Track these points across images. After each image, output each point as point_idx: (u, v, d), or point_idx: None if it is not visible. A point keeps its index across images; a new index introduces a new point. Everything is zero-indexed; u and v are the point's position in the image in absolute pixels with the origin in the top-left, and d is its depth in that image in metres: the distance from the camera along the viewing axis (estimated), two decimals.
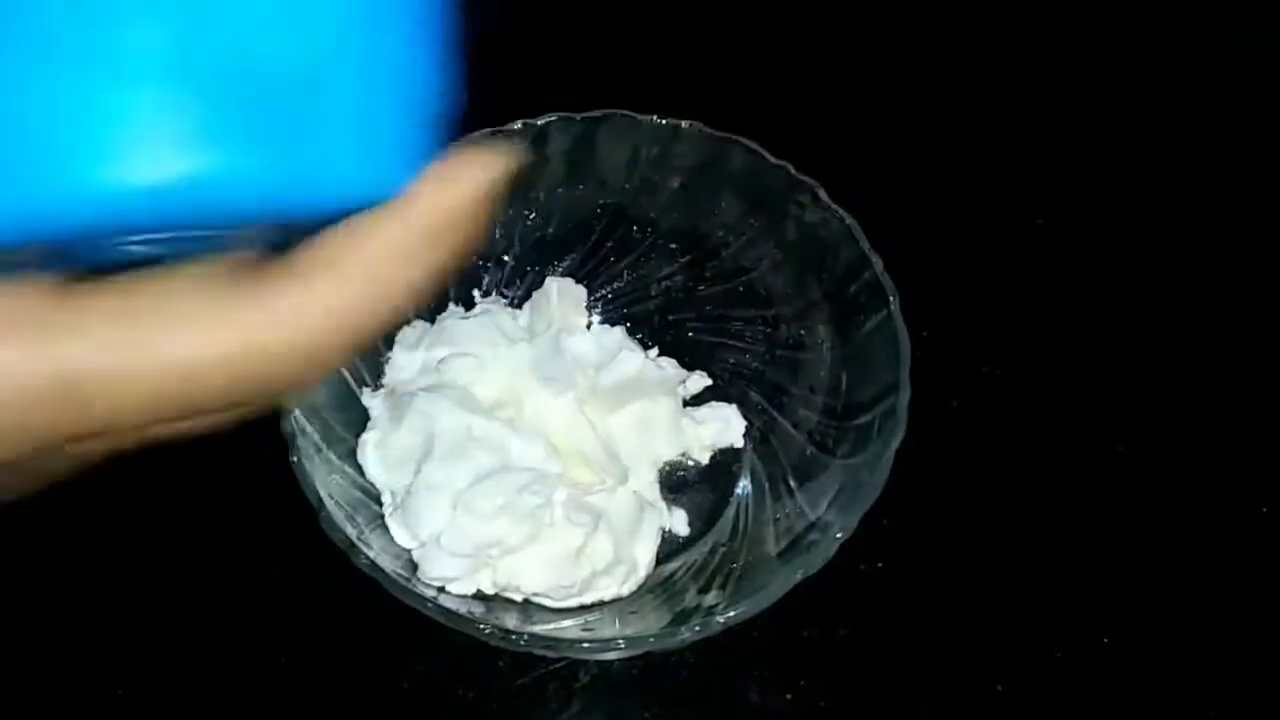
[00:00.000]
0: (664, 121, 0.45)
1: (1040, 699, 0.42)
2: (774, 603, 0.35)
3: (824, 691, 0.42)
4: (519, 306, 0.49)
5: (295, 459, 0.36)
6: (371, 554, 0.35)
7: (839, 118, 0.62)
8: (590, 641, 0.34)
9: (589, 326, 0.49)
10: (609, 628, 0.39)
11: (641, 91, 0.61)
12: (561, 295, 0.49)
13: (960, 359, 0.51)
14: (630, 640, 0.34)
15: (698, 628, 0.34)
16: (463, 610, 0.35)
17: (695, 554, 0.43)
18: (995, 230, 0.57)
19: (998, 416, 0.50)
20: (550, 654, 0.38)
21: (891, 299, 0.40)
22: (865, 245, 0.41)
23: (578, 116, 0.45)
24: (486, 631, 0.33)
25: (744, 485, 0.45)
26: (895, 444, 0.37)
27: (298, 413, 0.37)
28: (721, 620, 0.34)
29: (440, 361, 0.45)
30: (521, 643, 0.33)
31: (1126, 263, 0.56)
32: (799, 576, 0.35)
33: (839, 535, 0.35)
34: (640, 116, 0.45)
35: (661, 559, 0.43)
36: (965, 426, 0.49)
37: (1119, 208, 0.58)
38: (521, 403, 0.44)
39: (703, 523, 0.44)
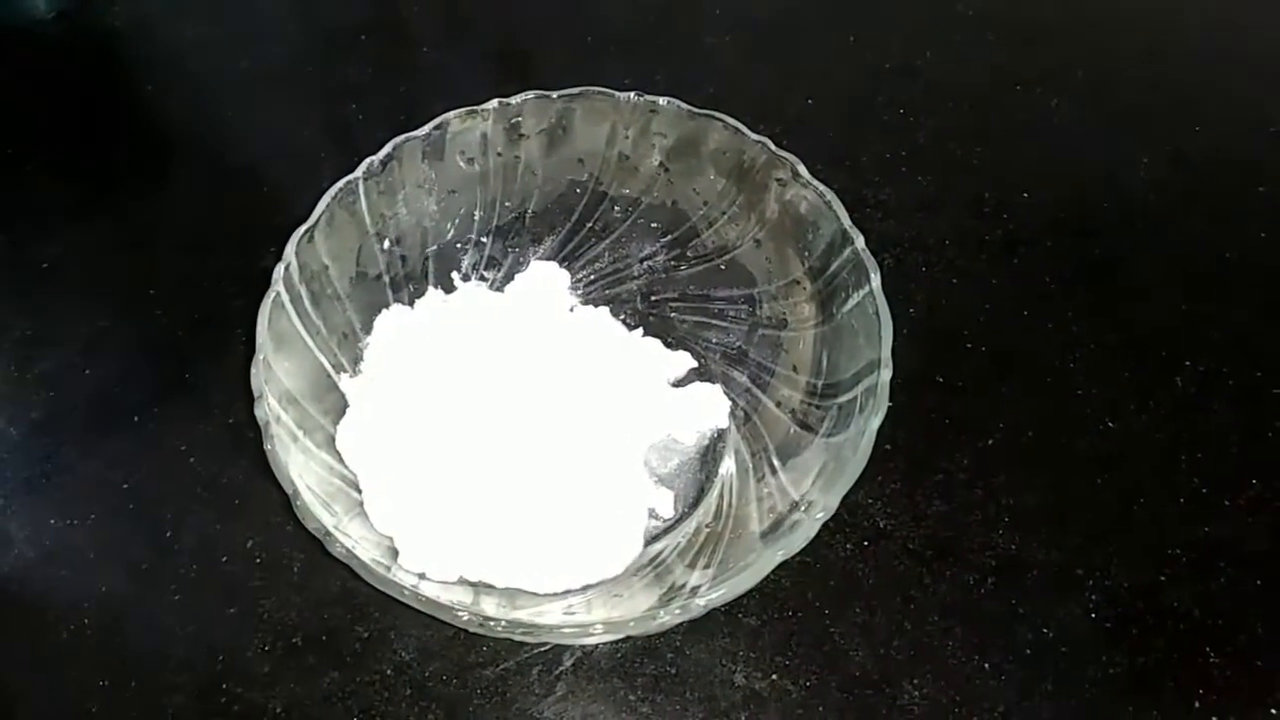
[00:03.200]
0: (641, 98, 0.44)
1: (1028, 677, 0.42)
2: (758, 583, 0.35)
3: (810, 673, 0.42)
4: (500, 290, 0.48)
5: (269, 447, 0.35)
6: (349, 542, 0.35)
7: (819, 92, 0.61)
8: (569, 626, 0.33)
9: (572, 309, 0.48)
10: (595, 610, 0.39)
11: (618, 68, 0.61)
12: (544, 279, 0.48)
13: (945, 334, 0.51)
14: (609, 625, 0.33)
15: (678, 610, 0.33)
16: (443, 598, 0.35)
17: (680, 534, 0.43)
18: (978, 213, 0.56)
19: (982, 392, 0.49)
20: (530, 640, 0.38)
21: (872, 275, 0.39)
22: (846, 221, 0.40)
23: (554, 94, 0.44)
24: (465, 618, 0.33)
25: (728, 465, 0.45)
26: (877, 422, 0.36)
27: (271, 400, 0.37)
28: (702, 603, 0.33)
29: (420, 348, 0.44)
30: (499, 629, 0.33)
31: (1116, 235, 0.56)
32: (780, 557, 0.34)
33: (820, 515, 0.35)
34: (618, 94, 0.44)
35: (648, 540, 0.43)
36: (949, 402, 0.49)
37: (1108, 178, 0.58)
38: (502, 387, 0.44)
39: (688, 503, 0.44)
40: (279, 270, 0.39)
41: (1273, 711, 0.41)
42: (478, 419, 0.43)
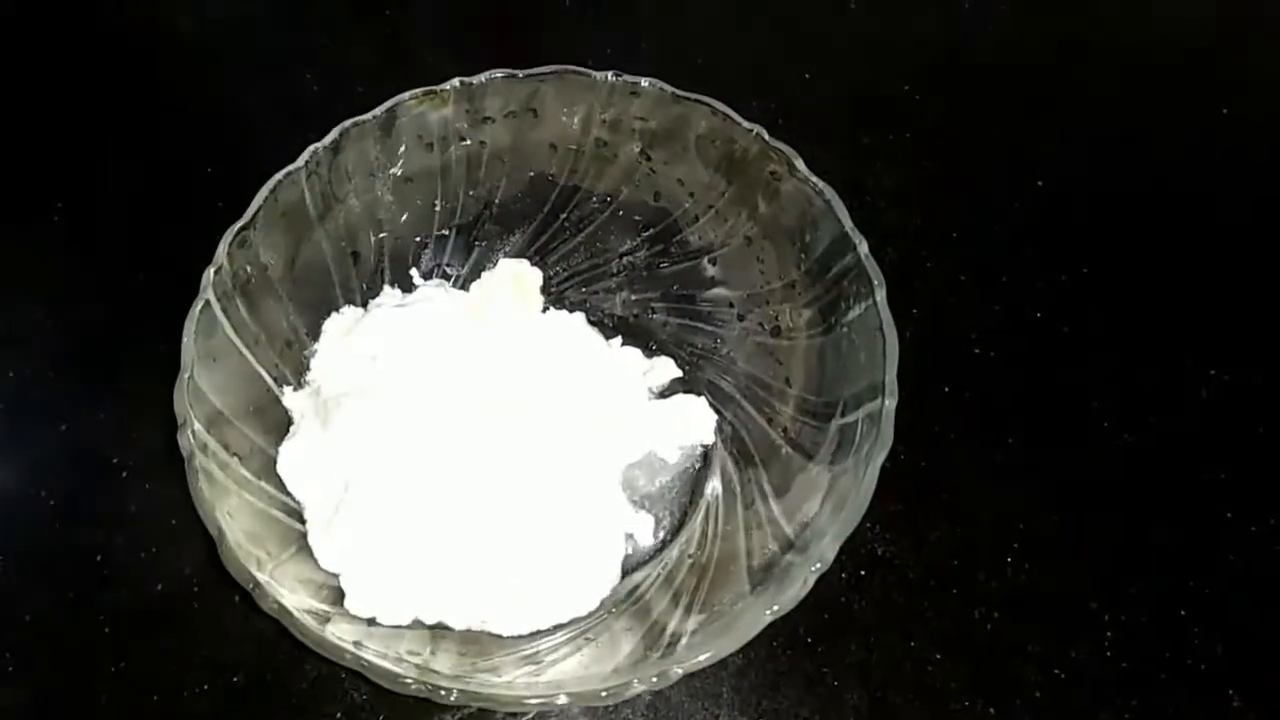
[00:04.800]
0: (620, 79, 0.40)
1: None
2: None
3: (799, 717, 0.39)
4: (464, 289, 0.44)
5: (193, 483, 0.31)
6: (283, 591, 0.31)
7: (818, 65, 0.57)
8: (533, 698, 0.30)
9: (544, 311, 0.44)
10: (566, 660, 0.35)
11: (600, 35, 0.56)
12: (513, 278, 0.44)
13: (952, 337, 0.47)
14: (577, 695, 0.29)
15: (654, 679, 0.30)
16: (388, 654, 0.31)
17: (661, 564, 0.39)
18: (990, 201, 0.52)
19: (991, 402, 0.45)
20: (492, 708, 0.34)
21: (877, 288, 0.35)
22: (848, 224, 0.36)
23: (521, 74, 0.40)
24: (412, 686, 0.29)
25: (714, 486, 0.41)
26: (881, 457, 0.32)
27: (197, 425, 0.32)
28: (680, 670, 0.30)
29: (374, 356, 0.40)
30: (452, 698, 0.29)
31: (1140, 228, 0.51)
32: (770, 616, 0.30)
33: (817, 567, 0.31)
34: (594, 73, 0.40)
35: (626, 570, 0.39)
36: (955, 413, 0.45)
37: (1120, 172, 0.54)
38: (466, 398, 0.40)
39: (670, 529, 0.40)
40: (208, 274, 0.35)
41: None
42: (437, 436, 0.39)
